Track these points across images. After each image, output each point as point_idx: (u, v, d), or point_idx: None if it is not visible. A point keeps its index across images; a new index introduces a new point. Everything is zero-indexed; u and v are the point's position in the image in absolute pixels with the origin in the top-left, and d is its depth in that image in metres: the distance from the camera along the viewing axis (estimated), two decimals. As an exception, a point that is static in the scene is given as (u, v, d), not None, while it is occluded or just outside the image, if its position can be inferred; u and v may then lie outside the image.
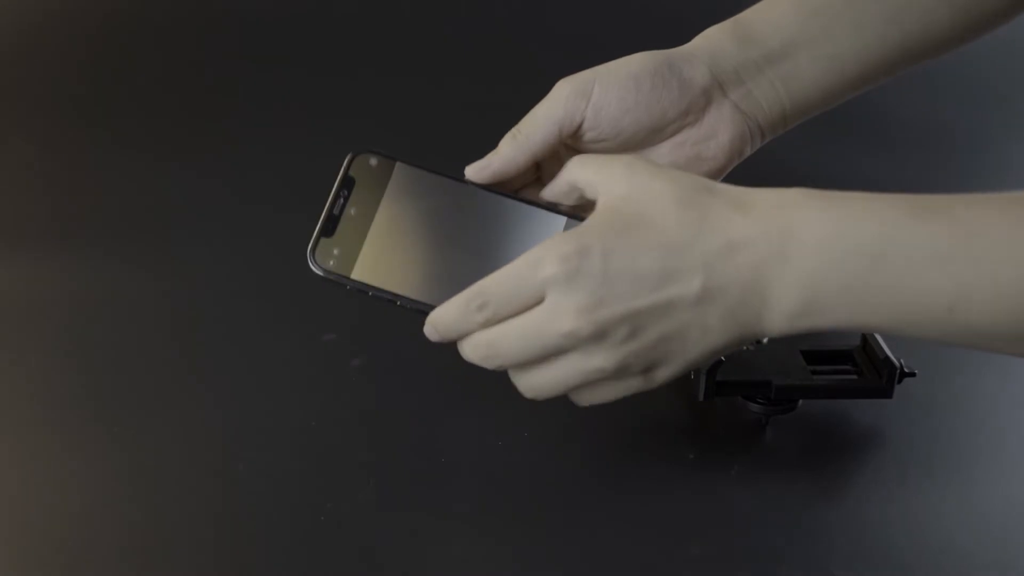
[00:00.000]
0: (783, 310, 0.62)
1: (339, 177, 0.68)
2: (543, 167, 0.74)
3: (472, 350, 0.66)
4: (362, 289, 0.67)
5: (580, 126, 0.72)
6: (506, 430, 0.89)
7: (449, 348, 0.96)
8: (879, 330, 0.63)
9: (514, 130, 0.72)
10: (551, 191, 0.70)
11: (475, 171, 0.71)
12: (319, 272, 0.67)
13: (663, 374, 0.65)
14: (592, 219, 0.63)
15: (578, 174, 0.67)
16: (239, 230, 1.11)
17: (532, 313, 0.63)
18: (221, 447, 0.88)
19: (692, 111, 0.72)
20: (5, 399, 0.94)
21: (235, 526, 0.82)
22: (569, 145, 0.74)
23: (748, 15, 0.75)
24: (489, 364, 0.65)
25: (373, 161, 0.68)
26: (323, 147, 1.22)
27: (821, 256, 0.61)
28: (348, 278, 0.67)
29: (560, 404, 0.91)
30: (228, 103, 1.31)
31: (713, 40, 0.74)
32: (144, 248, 1.10)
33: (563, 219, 0.67)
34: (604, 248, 0.61)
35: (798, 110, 0.75)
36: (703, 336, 0.63)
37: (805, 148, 1.06)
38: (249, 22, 1.43)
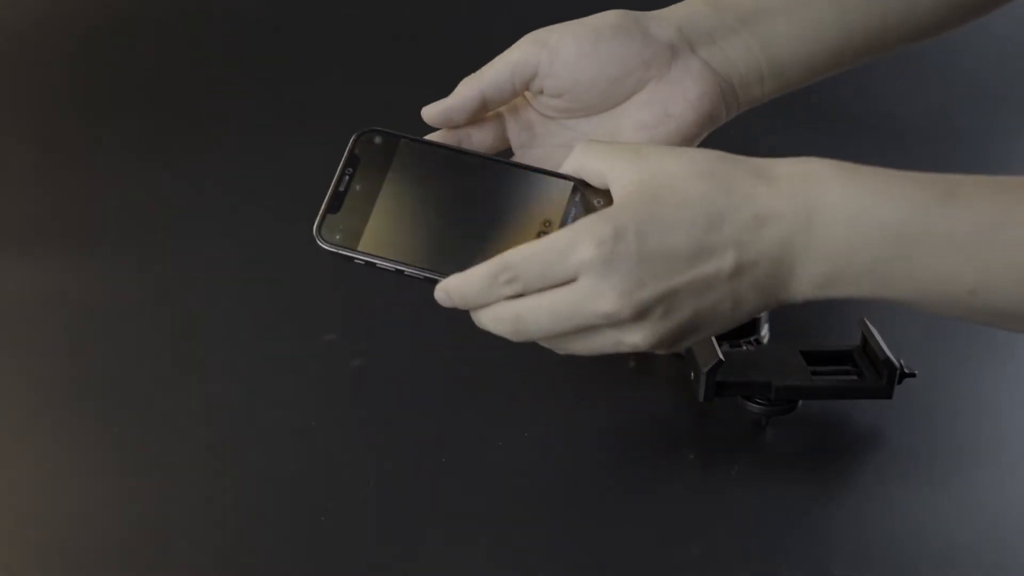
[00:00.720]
0: (809, 280, 0.63)
1: (344, 156, 0.68)
2: (511, 132, 0.73)
3: (495, 323, 0.64)
4: (369, 261, 0.67)
5: (536, 74, 0.71)
6: (506, 431, 0.89)
7: (449, 349, 0.96)
8: (902, 304, 0.64)
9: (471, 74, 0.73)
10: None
11: (429, 110, 0.71)
12: (326, 247, 0.67)
13: (689, 342, 0.65)
14: (621, 200, 0.63)
15: (583, 162, 0.66)
16: (239, 230, 1.11)
17: (566, 292, 0.62)
18: (221, 447, 0.88)
19: (655, 64, 0.71)
20: (5, 399, 0.94)
21: (236, 526, 0.82)
22: (532, 104, 0.73)
23: None
24: (515, 337, 0.64)
25: (378, 139, 0.69)
26: (324, 148, 1.22)
27: (846, 234, 0.61)
28: (354, 250, 0.67)
29: (560, 405, 0.91)
30: (228, 104, 1.31)
31: (687, 5, 0.74)
32: (144, 249, 1.10)
33: (568, 183, 0.67)
34: (638, 229, 0.61)
35: (778, 75, 0.74)
36: (734, 308, 0.63)
37: (801, 141, 1.06)
38: (249, 22, 1.43)
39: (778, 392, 0.87)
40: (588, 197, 0.66)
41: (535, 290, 0.63)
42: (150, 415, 0.91)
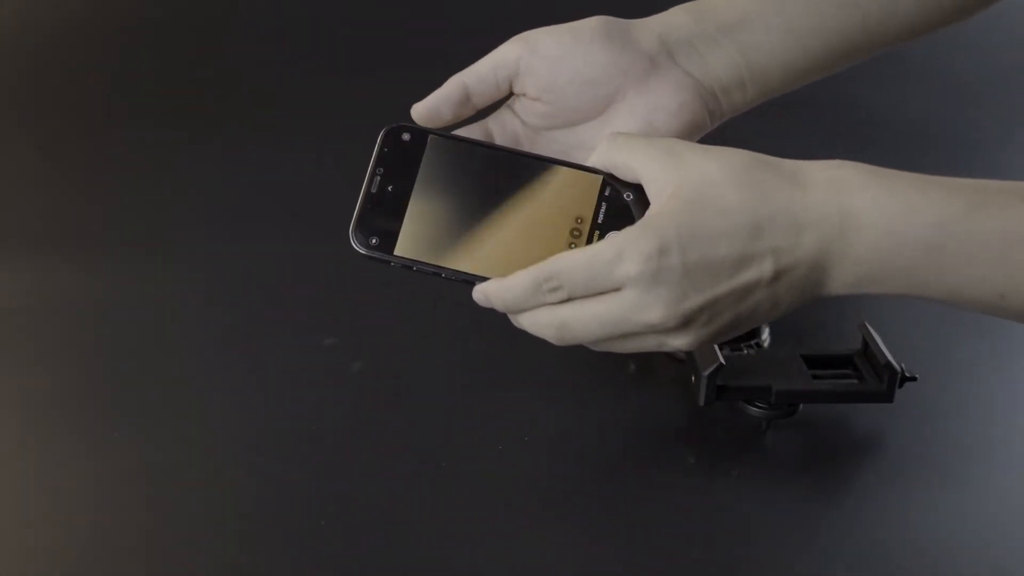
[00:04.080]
0: (843, 281, 0.64)
1: (374, 155, 0.68)
2: (497, 142, 0.74)
3: (538, 327, 0.66)
4: (406, 265, 0.67)
5: (518, 72, 0.72)
6: (505, 435, 0.89)
7: (449, 354, 0.96)
8: (934, 302, 0.66)
9: None
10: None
11: (417, 107, 0.72)
12: (362, 251, 0.67)
13: (729, 338, 0.67)
14: (661, 208, 0.64)
15: (613, 157, 0.67)
16: (241, 235, 1.11)
17: (612, 302, 0.64)
18: (223, 451, 0.88)
19: (632, 71, 0.71)
20: (7, 403, 0.94)
21: (235, 530, 0.82)
22: (517, 113, 0.74)
23: None
24: (558, 342, 0.66)
25: (405, 136, 0.69)
26: (327, 152, 1.22)
27: (879, 241, 0.63)
28: (392, 255, 0.67)
29: (560, 409, 0.91)
30: (231, 108, 1.31)
31: (669, 14, 0.75)
32: (146, 253, 1.10)
33: (598, 177, 0.67)
34: (681, 242, 0.63)
35: (759, 81, 0.74)
36: (771, 309, 0.65)
37: (792, 145, 1.06)
38: (251, 24, 1.43)
39: (778, 396, 0.87)
40: (618, 190, 0.67)
41: (579, 296, 0.64)
42: (151, 419, 0.91)
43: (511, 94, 0.73)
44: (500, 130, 0.74)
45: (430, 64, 1.33)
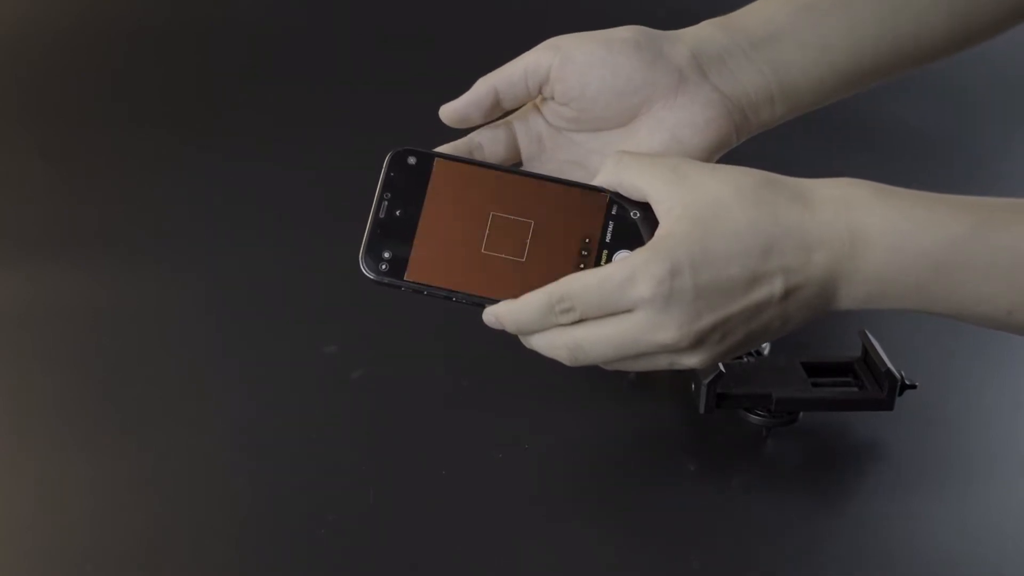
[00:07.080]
0: (852, 298, 0.65)
1: (380, 180, 0.69)
2: (521, 142, 0.74)
3: (551, 348, 0.66)
4: (417, 289, 0.67)
5: (548, 78, 0.71)
6: (506, 443, 0.89)
7: (449, 361, 0.96)
8: (943, 318, 0.67)
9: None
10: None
11: (446, 108, 0.72)
12: (372, 277, 0.67)
13: (740, 353, 0.69)
14: (670, 231, 0.64)
15: (619, 176, 0.67)
16: (241, 241, 1.12)
17: (625, 323, 0.64)
18: (223, 458, 0.88)
19: (659, 85, 0.71)
20: (5, 406, 0.94)
21: (236, 538, 0.82)
22: (543, 113, 0.74)
23: (739, 11, 0.76)
24: (571, 362, 0.66)
25: (411, 160, 0.69)
26: (326, 159, 1.22)
27: (888, 260, 0.64)
28: (402, 280, 0.67)
29: (560, 417, 0.91)
30: (232, 114, 1.31)
31: (701, 28, 0.75)
32: (146, 259, 1.10)
33: (604, 196, 0.67)
34: (692, 264, 0.63)
35: (788, 98, 0.74)
36: (783, 325, 0.66)
37: (791, 155, 1.06)
38: (251, 33, 1.43)
39: (778, 404, 0.87)
40: (625, 209, 0.67)
41: (591, 317, 0.64)
42: (151, 427, 0.91)
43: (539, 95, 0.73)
44: (524, 129, 0.74)
45: (430, 73, 1.33)
